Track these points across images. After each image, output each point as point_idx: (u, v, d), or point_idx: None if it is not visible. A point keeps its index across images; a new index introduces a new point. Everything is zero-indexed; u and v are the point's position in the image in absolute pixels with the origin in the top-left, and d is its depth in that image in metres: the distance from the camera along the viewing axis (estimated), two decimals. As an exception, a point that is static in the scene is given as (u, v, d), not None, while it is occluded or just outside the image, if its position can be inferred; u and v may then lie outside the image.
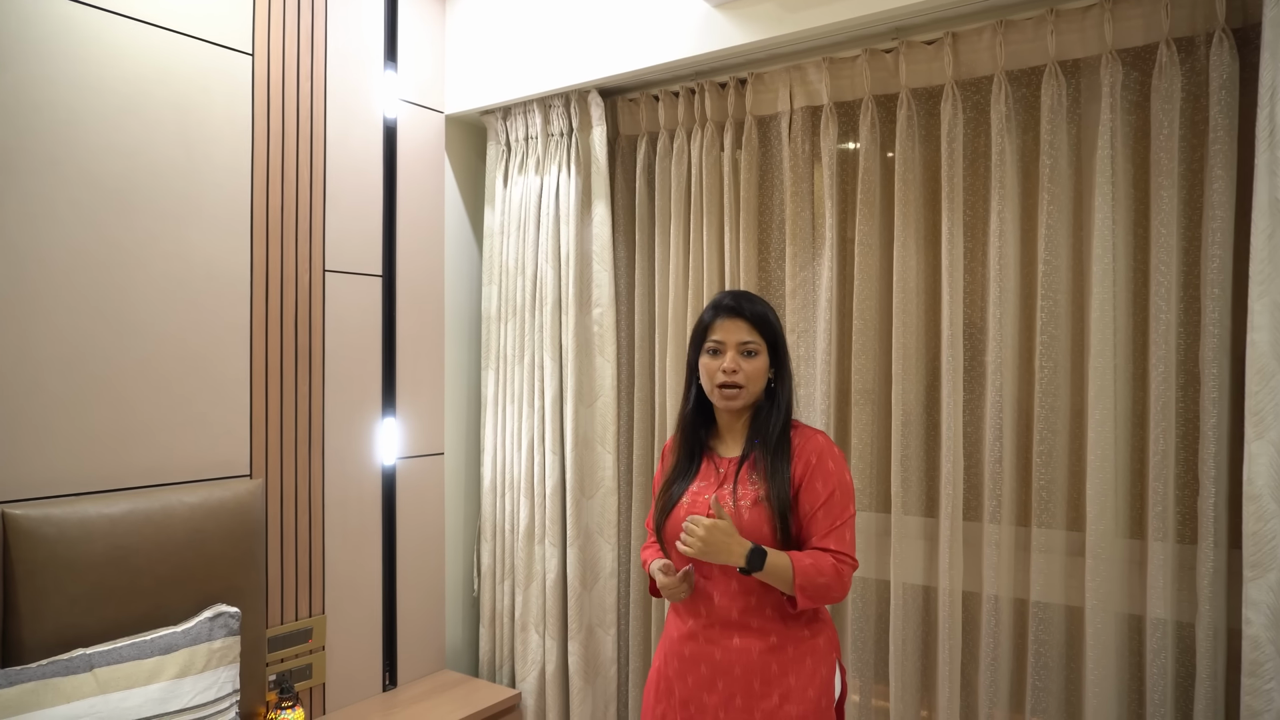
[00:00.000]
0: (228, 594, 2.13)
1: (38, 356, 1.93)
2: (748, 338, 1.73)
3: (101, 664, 1.82)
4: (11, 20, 1.89)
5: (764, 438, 1.75)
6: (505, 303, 2.86)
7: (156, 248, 2.13)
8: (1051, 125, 2.02)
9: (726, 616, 1.70)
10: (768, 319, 1.76)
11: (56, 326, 1.96)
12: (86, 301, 2.01)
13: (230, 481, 2.24)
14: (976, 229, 2.17)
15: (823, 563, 1.64)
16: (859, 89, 2.26)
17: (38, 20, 1.93)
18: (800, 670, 1.68)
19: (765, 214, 2.47)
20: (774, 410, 1.77)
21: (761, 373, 1.75)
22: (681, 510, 1.76)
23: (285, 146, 2.40)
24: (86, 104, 2.00)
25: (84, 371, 2.00)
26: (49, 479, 1.95)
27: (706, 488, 1.76)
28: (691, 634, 1.75)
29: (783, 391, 1.78)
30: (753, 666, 1.68)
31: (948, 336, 2.13)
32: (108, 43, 2.04)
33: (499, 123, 2.87)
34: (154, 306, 2.12)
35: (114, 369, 2.05)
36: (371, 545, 2.64)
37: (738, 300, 1.76)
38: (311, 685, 2.47)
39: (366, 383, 2.63)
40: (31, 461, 1.92)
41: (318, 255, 2.48)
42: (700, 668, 1.73)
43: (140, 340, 2.10)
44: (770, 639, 1.68)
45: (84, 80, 2.00)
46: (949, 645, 2.12)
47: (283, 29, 2.39)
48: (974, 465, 2.16)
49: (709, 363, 1.76)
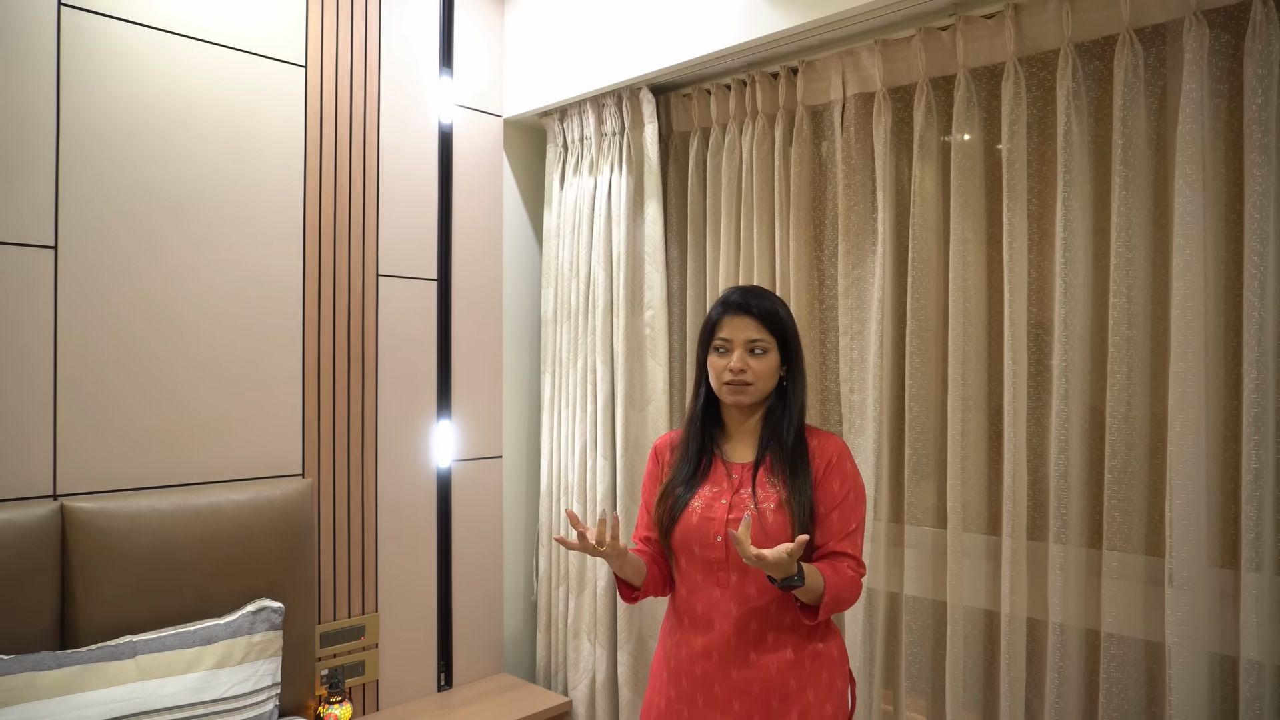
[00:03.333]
0: (273, 589, 2.19)
1: (98, 358, 2.05)
2: (755, 335, 1.66)
3: (145, 651, 1.91)
4: (77, 45, 2.02)
5: (779, 440, 1.67)
6: (561, 305, 2.83)
7: (210, 254, 2.22)
8: (1126, 100, 1.80)
9: (745, 630, 1.62)
10: (777, 315, 1.67)
11: (115, 330, 2.07)
12: (143, 306, 2.12)
13: (279, 480, 2.31)
14: (1042, 219, 1.97)
15: (844, 576, 1.60)
16: (914, 71, 2.10)
17: (100, 43, 2.05)
18: (818, 684, 1.63)
19: (818, 209, 2.34)
20: (786, 412, 1.69)
21: (771, 371, 1.67)
22: (694, 516, 1.67)
23: (338, 155, 2.47)
24: (143, 119, 2.12)
25: (140, 372, 2.11)
26: (105, 474, 2.06)
27: (720, 493, 1.68)
28: (705, 652, 1.65)
29: (795, 392, 1.70)
30: (771, 684, 1.61)
31: (1010, 337, 1.94)
32: (164, 61, 2.15)
33: (556, 124, 2.86)
34: (208, 310, 2.22)
35: (169, 370, 2.15)
36: (426, 546, 2.67)
37: (745, 296, 1.68)
38: (364, 682, 2.52)
39: (421, 385, 2.66)
40: (90, 457, 2.04)
41: (370, 260, 2.53)
42: (713, 688, 1.64)
43: (194, 343, 2.20)
44: (786, 653, 1.62)
45: (141, 97, 2.11)
46: (1010, 676, 1.93)
47: (335, 41, 2.46)
48: (1039, 479, 1.95)
49: (716, 361, 1.69)
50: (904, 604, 2.14)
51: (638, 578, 1.71)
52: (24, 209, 1.95)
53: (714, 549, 1.64)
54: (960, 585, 2.02)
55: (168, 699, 1.86)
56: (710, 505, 1.67)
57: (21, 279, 1.95)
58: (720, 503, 1.66)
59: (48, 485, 1.98)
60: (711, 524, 1.65)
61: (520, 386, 2.98)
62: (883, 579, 2.18)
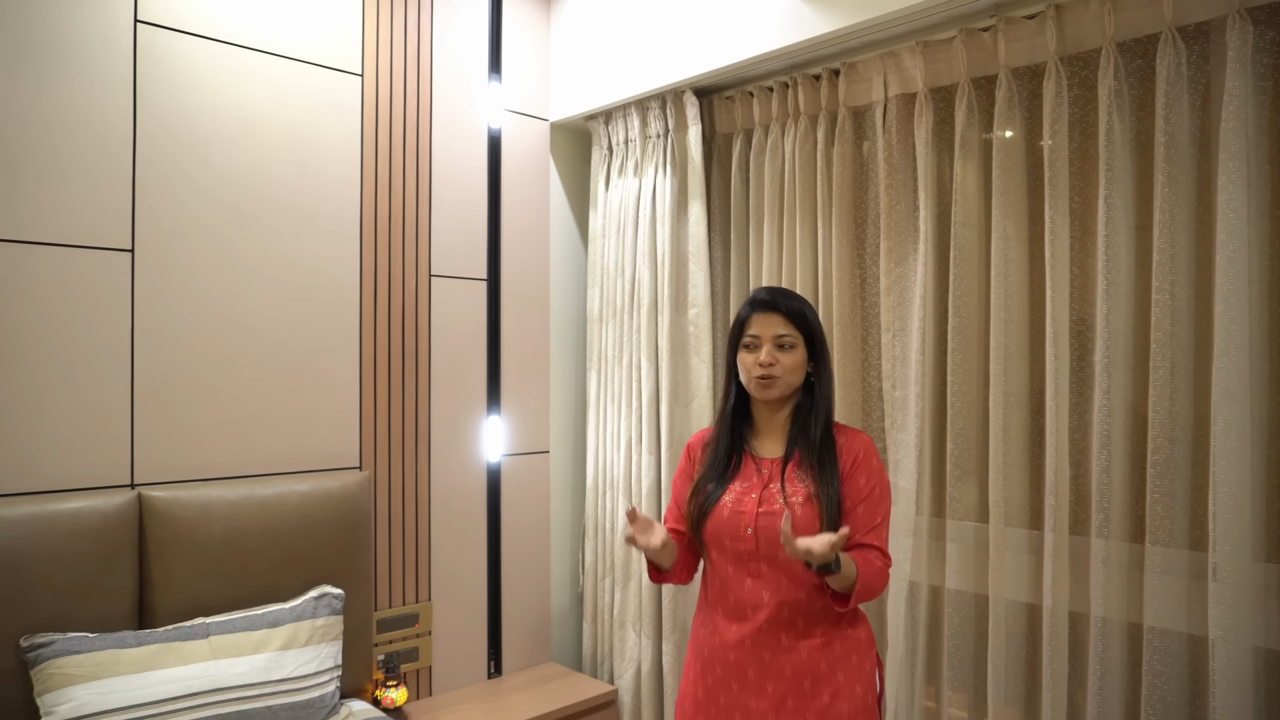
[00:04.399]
0: (334, 576, 2.29)
1: (171, 355, 2.16)
2: (783, 330, 1.72)
3: (217, 633, 2.01)
4: (152, 60, 2.13)
5: (807, 436, 1.74)
6: (606, 304, 2.90)
7: (272, 257, 2.33)
8: (1169, 98, 1.81)
9: (777, 618, 1.68)
10: (804, 314, 1.74)
11: (187, 328, 2.19)
12: (213, 306, 2.23)
13: (339, 473, 2.41)
14: (1084, 216, 1.99)
15: (873, 566, 1.66)
16: (955, 72, 2.13)
17: (172, 57, 2.16)
18: (847, 666, 1.69)
19: (860, 208, 2.37)
20: (814, 408, 1.76)
21: (798, 366, 1.73)
22: (725, 510, 1.73)
23: (393, 160, 2.56)
24: (212, 129, 2.23)
25: (210, 369, 2.22)
26: (178, 465, 2.17)
27: (750, 488, 1.74)
28: (739, 640, 1.71)
29: (822, 387, 1.76)
30: (803, 667, 1.67)
31: (1051, 334, 1.96)
32: (231, 73, 2.26)
33: (601, 127, 2.93)
34: (271, 310, 2.33)
35: (235, 368, 2.27)
36: (476, 537, 2.76)
37: (773, 295, 1.76)
38: (418, 667, 2.62)
39: (472, 382, 2.75)
40: (165, 449, 2.15)
41: (424, 261, 2.63)
42: (748, 672, 1.70)
43: (258, 342, 2.30)
44: (817, 638, 1.68)
45: (210, 108, 2.22)
46: (1053, 668, 1.95)
47: (390, 50, 2.55)
48: (1081, 474, 1.97)
49: (745, 357, 1.75)
50: (946, 597, 2.17)
51: (669, 561, 1.77)
52: (104, 215, 2.07)
53: (744, 541, 1.70)
54: (1002, 579, 2.05)
55: (239, 677, 1.96)
56: (740, 499, 1.73)
57: (102, 281, 2.07)
58: (750, 497, 1.72)
59: (126, 475, 2.10)
60: (742, 517, 1.70)
61: (566, 383, 3.06)
62: (925, 573, 2.21)
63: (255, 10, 2.30)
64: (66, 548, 1.91)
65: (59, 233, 2.01)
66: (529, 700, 2.61)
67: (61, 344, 2.01)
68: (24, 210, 1.96)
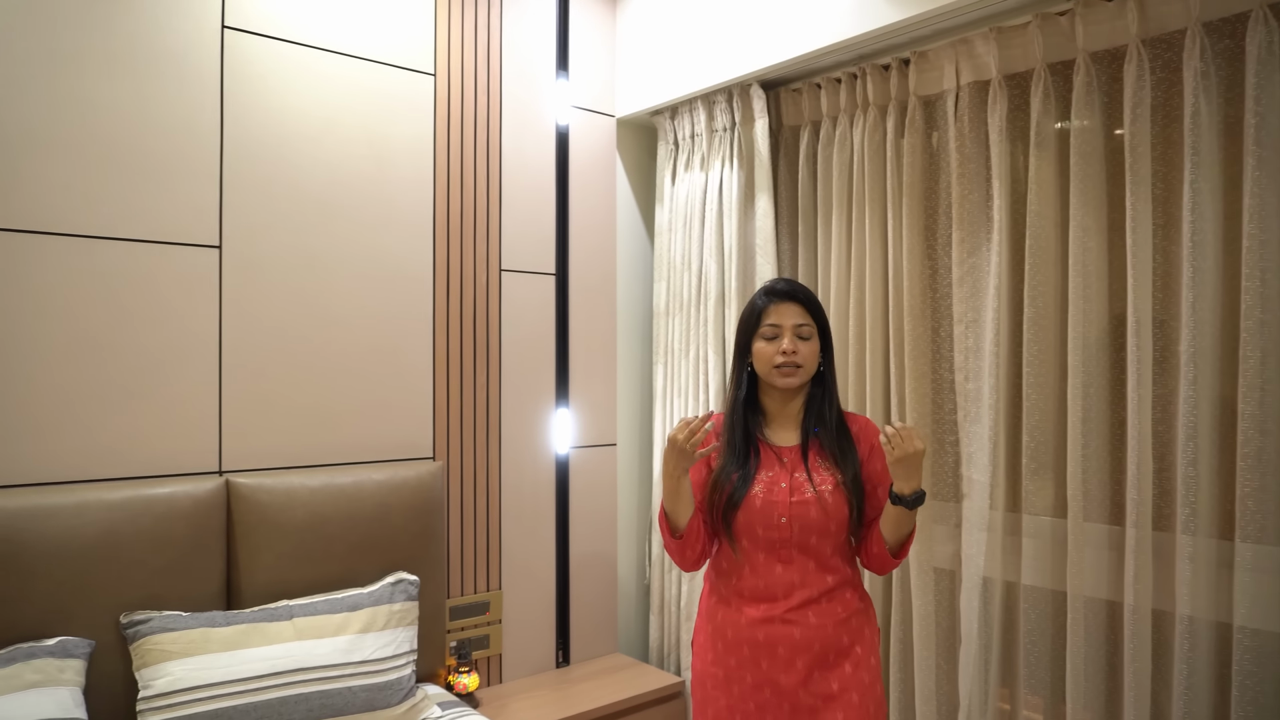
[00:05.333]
0: (409, 563, 2.35)
1: (256, 348, 2.25)
2: (802, 320, 1.79)
3: (300, 615, 2.09)
4: (238, 63, 2.22)
5: (824, 425, 1.82)
6: (673, 298, 2.92)
7: (352, 251, 2.40)
8: (1260, 79, 1.75)
9: (806, 599, 1.76)
10: (819, 305, 1.83)
11: (271, 322, 2.27)
12: (295, 300, 2.31)
13: (414, 462, 2.47)
14: (1167, 203, 1.93)
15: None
16: (1031, 58, 2.09)
17: (257, 60, 2.25)
18: (863, 639, 1.80)
19: (930, 199, 2.34)
20: (826, 397, 1.84)
21: (815, 355, 1.81)
22: (756, 501, 1.76)
23: (464, 156, 2.62)
24: (295, 129, 2.31)
25: (292, 361, 2.31)
26: (263, 452, 2.26)
27: (777, 477, 1.79)
28: (766, 618, 1.76)
29: (831, 376, 1.85)
30: (829, 640, 1.76)
31: (1134, 323, 1.91)
32: (312, 74, 2.33)
33: (667, 122, 2.94)
34: (350, 304, 2.40)
35: (317, 359, 2.34)
36: (545, 528, 2.80)
37: (791, 285, 1.83)
38: (489, 655, 2.67)
39: (541, 375, 2.79)
40: (252, 437, 2.24)
41: (494, 256, 2.68)
42: (778, 650, 1.76)
43: (338, 334, 2.38)
44: (838, 612, 1.77)
45: (291, 108, 2.30)
46: (1135, 667, 1.90)
47: (461, 49, 2.61)
48: (1165, 468, 1.92)
49: (764, 347, 1.80)
50: (1021, 593, 2.12)
51: (684, 516, 1.77)
52: (193, 212, 2.16)
53: (778, 529, 1.76)
54: (1081, 575, 2.00)
55: (321, 658, 2.03)
56: (770, 489, 1.78)
57: (191, 276, 2.16)
58: (780, 486, 1.78)
59: (214, 462, 2.19)
60: (775, 507, 1.76)
61: (633, 377, 3.08)
62: (999, 568, 2.17)
63: (334, 14, 2.37)
64: (161, 530, 2.00)
65: (152, 230, 2.11)
66: (597, 689, 2.65)
67: (155, 338, 2.11)
68: (121, 209, 2.06)
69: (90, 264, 2.03)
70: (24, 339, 1.95)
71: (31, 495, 1.89)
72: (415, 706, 2.15)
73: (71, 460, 2.00)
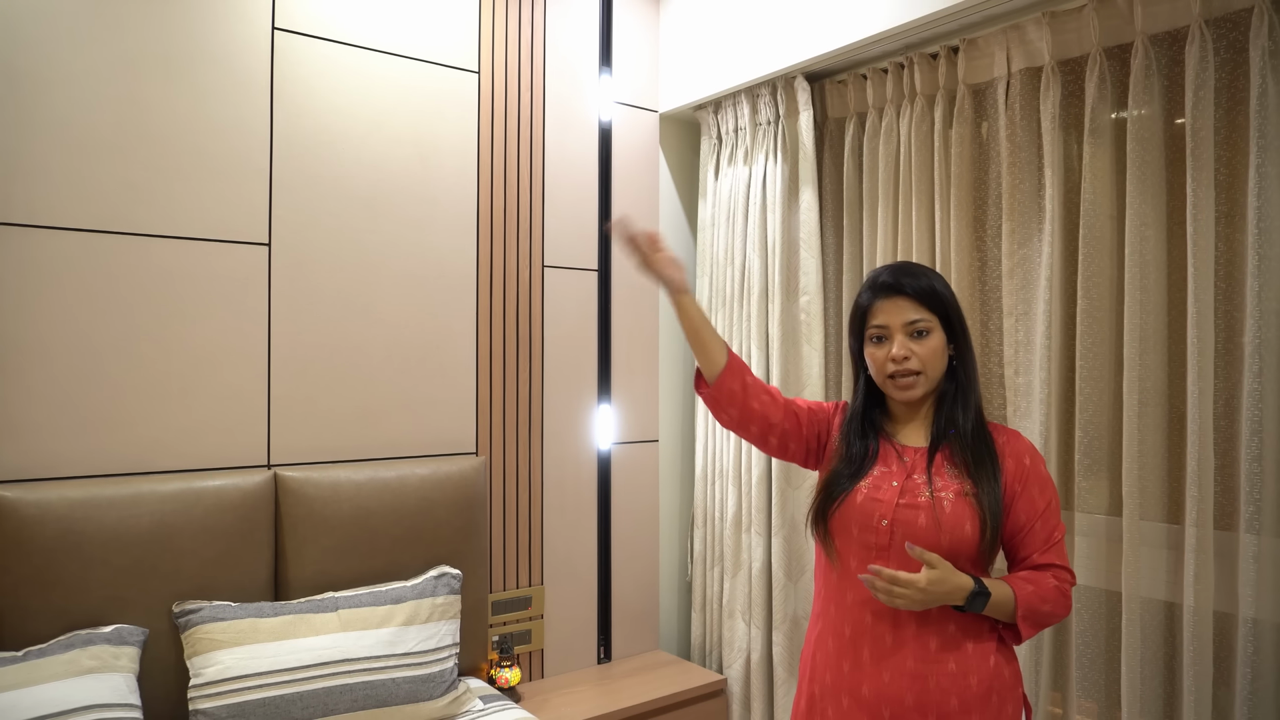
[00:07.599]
0: (452, 557, 2.37)
1: (304, 343, 2.29)
2: (914, 316, 1.49)
3: (345, 607, 2.11)
4: (288, 64, 2.26)
5: (958, 426, 1.52)
6: (715, 293, 2.90)
7: (398, 248, 2.43)
8: (1330, 58, 1.68)
9: (901, 632, 1.47)
10: (935, 290, 1.50)
11: (319, 318, 2.31)
12: (342, 296, 2.34)
13: (457, 457, 2.49)
14: (1231, 189, 1.86)
15: (1044, 587, 1.47)
16: (1086, 42, 2.03)
17: (306, 61, 2.28)
18: (985, 709, 1.46)
19: (980, 189, 2.29)
20: (960, 394, 1.53)
21: (938, 353, 1.51)
22: (859, 495, 1.51)
23: (508, 154, 2.63)
24: (342, 128, 2.34)
25: (339, 357, 2.34)
26: (310, 447, 2.29)
27: (890, 474, 1.52)
28: (854, 646, 1.51)
29: (967, 371, 1.54)
30: (929, 699, 1.45)
31: (1194, 314, 1.84)
32: (359, 74, 2.36)
33: (710, 117, 2.92)
34: (395, 300, 2.43)
35: (362, 355, 2.37)
36: (587, 524, 2.80)
37: (896, 275, 1.52)
38: (531, 650, 2.68)
39: (583, 371, 2.79)
40: (300, 432, 2.28)
41: (537, 252, 2.69)
42: (861, 689, 1.49)
43: (384, 330, 2.41)
44: (949, 665, 1.45)
45: (339, 107, 2.34)
46: (1195, 671, 1.83)
47: (505, 48, 2.62)
48: (1227, 464, 1.84)
49: (875, 352, 1.53)
50: (1074, 593, 2.06)
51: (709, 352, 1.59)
52: (243, 211, 2.20)
53: (876, 533, 1.48)
54: (1136, 575, 1.94)
55: (365, 649, 2.05)
56: (878, 485, 1.51)
57: (241, 274, 2.20)
58: (890, 485, 1.50)
59: (262, 456, 2.23)
60: (877, 506, 1.49)
61: (676, 373, 3.07)
62: (1051, 567, 2.11)
63: (381, 15, 2.40)
64: (212, 522, 2.04)
65: (203, 228, 2.15)
66: (639, 686, 2.64)
67: (207, 334, 2.15)
68: (174, 207, 2.11)
69: (146, 261, 2.07)
70: (82, 336, 2.00)
71: (90, 486, 1.95)
72: (457, 699, 2.16)
73: (127, 452, 2.05)
